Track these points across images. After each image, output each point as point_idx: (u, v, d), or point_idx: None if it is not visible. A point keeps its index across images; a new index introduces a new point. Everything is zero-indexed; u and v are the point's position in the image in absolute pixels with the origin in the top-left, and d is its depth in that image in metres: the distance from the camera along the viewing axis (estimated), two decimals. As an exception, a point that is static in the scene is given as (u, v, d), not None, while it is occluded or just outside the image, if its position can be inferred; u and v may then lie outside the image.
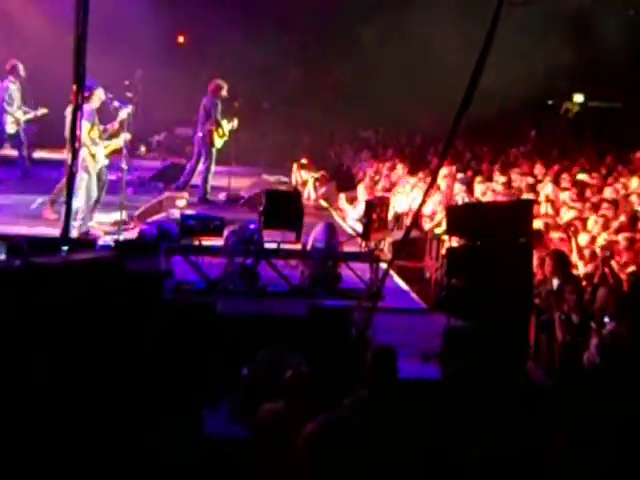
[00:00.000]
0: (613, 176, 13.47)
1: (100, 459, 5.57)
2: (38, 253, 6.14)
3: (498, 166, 14.65)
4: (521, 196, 12.00)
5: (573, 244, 9.48)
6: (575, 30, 15.68)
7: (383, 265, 8.83)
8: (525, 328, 7.46)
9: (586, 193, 12.19)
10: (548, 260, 8.52)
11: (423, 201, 8.66)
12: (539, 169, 13.97)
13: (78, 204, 10.18)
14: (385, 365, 5.39)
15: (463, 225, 7.83)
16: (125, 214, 11.01)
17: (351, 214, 13.12)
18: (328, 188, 14.94)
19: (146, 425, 5.96)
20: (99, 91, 10.92)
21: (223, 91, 13.64)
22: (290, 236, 9.37)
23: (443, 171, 12.02)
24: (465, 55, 6.99)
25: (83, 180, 10.47)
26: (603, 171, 14.00)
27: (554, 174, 13.56)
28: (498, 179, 13.30)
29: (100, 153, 10.96)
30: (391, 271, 8.66)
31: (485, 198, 11.86)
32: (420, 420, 5.35)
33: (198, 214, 9.96)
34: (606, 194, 11.97)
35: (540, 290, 8.37)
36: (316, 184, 15.05)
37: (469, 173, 13.94)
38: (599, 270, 8.63)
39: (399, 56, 17.26)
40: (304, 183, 15.49)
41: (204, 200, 13.45)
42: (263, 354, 6.74)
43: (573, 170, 13.93)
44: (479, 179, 13.13)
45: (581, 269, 9.09)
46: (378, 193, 13.27)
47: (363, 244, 9.53)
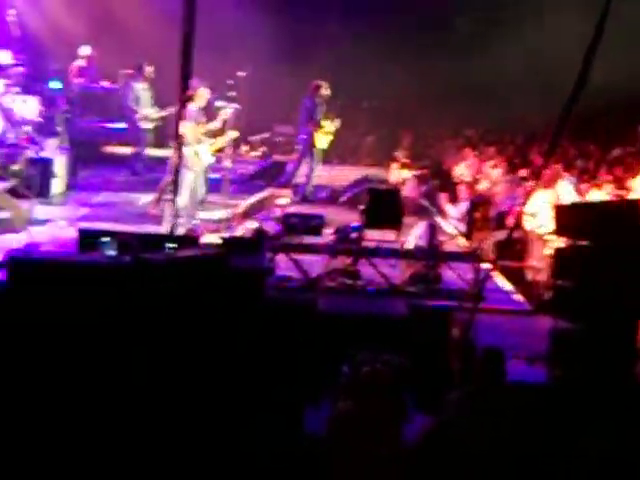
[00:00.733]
0: None
1: (200, 457, 5.65)
2: (146, 250, 6.28)
3: (605, 164, 14.24)
4: (628, 195, 11.64)
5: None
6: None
7: (485, 265, 8.71)
8: (635, 330, 7.23)
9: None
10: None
11: (526, 200, 8.52)
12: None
13: (183, 202, 10.38)
14: (493, 366, 5.31)
15: (571, 225, 7.65)
16: (228, 212, 11.20)
17: (452, 213, 12.97)
18: (429, 186, 14.83)
19: (247, 423, 6.02)
20: (204, 90, 11.10)
21: (323, 90, 13.69)
22: (390, 235, 9.34)
23: (548, 170, 11.76)
24: (573, 52, 6.81)
25: (188, 178, 10.68)
26: None
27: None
28: (605, 178, 12.92)
29: (205, 152, 11.15)
30: (493, 271, 8.54)
31: (592, 197, 11.54)
32: (525, 423, 5.26)
33: (300, 212, 10.03)
34: None
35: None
36: (417, 182, 14.96)
37: (575, 172, 13.59)
38: None
39: (503, 54, 17.00)
40: (404, 182, 15.40)
41: (305, 198, 13.54)
42: (364, 353, 6.73)
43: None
44: (586, 178, 12.79)
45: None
46: (479, 192, 13.09)
47: (465, 244, 9.43)
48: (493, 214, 10.42)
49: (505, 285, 9.58)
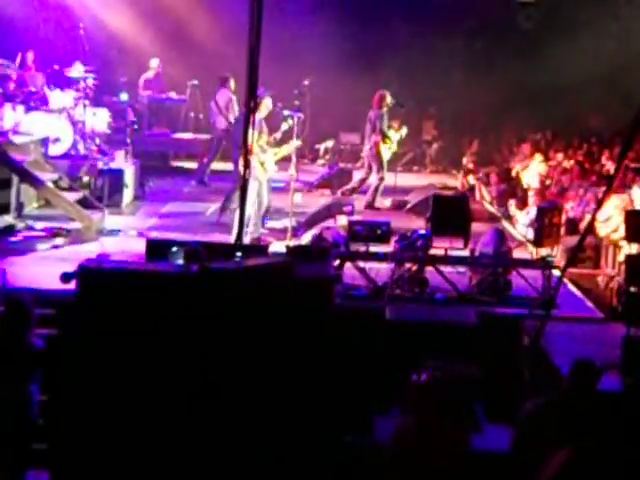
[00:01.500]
0: None
1: (269, 463, 5.64)
2: (213, 259, 6.31)
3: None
4: None
5: None
6: None
7: (556, 272, 8.55)
8: None
9: None
10: None
11: (599, 206, 8.35)
12: None
13: (249, 211, 10.44)
14: (583, 379, 5.21)
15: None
16: (294, 220, 11.23)
17: (521, 220, 12.78)
18: (500, 189, 14.68)
19: (317, 433, 5.99)
20: (267, 100, 11.16)
21: (387, 99, 13.66)
22: (458, 242, 9.24)
23: (620, 175, 11.51)
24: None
25: (253, 188, 10.72)
26: None
27: None
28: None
29: (269, 161, 11.20)
30: (564, 279, 8.37)
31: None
32: (599, 431, 5.13)
33: (365, 220, 9.99)
34: None
35: None
36: (488, 184, 14.85)
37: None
38: None
39: (570, 56, 16.76)
40: (471, 188, 15.27)
41: (370, 207, 13.51)
42: (433, 362, 6.65)
43: None
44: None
45: None
46: (549, 198, 12.87)
47: (534, 251, 9.27)
48: (563, 220, 10.22)
49: (576, 292, 9.39)
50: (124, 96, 16.01)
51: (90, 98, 14.27)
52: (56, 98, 13.58)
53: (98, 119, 14.32)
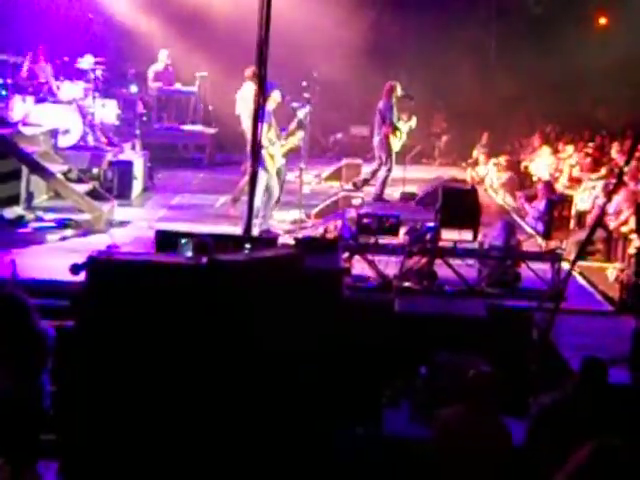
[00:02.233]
0: None
1: (276, 457, 5.65)
2: (222, 250, 6.32)
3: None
4: None
5: None
6: None
7: (565, 265, 8.53)
8: None
9: None
10: None
11: (608, 199, 8.32)
12: None
13: (258, 203, 10.44)
14: (592, 377, 5.21)
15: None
16: (303, 213, 11.23)
17: (530, 212, 12.75)
18: (509, 177, 14.65)
19: (323, 424, 6.01)
20: (275, 93, 11.16)
21: (397, 91, 13.63)
22: (467, 234, 9.22)
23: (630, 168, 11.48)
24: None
25: (263, 179, 10.73)
26: None
27: None
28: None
29: (278, 153, 11.22)
30: (573, 271, 8.35)
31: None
32: (609, 426, 5.12)
33: (374, 212, 9.98)
34: None
35: None
36: (498, 170, 14.84)
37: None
38: None
39: (578, 49, 16.69)
40: (481, 181, 15.24)
41: (379, 199, 13.49)
42: (443, 354, 6.66)
43: None
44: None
45: None
46: (558, 191, 12.84)
47: (544, 243, 9.25)
48: (573, 213, 10.20)
49: (586, 285, 9.36)
50: (133, 88, 16.03)
51: (99, 90, 14.28)
52: (66, 90, 13.60)
53: (107, 111, 14.34)
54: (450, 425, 5.08)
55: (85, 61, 14.17)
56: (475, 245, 9.15)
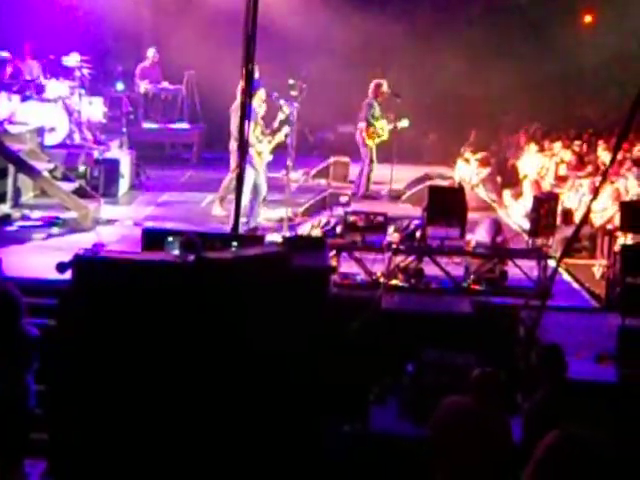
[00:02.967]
0: None
1: (264, 455, 5.65)
2: (209, 249, 6.31)
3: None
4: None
5: None
6: None
7: (551, 262, 8.56)
8: None
9: None
10: None
11: (594, 196, 8.34)
12: None
13: (246, 201, 10.43)
14: (553, 364, 5.23)
15: (637, 221, 7.47)
16: (290, 211, 11.23)
17: (516, 210, 12.79)
18: (489, 172, 14.69)
19: (311, 422, 6.01)
20: (260, 92, 11.16)
21: (383, 88, 13.64)
22: (454, 232, 9.23)
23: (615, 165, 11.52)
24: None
25: (251, 177, 10.73)
26: None
27: None
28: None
29: (265, 150, 11.22)
30: (560, 269, 8.39)
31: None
32: (594, 423, 5.13)
33: (361, 210, 9.99)
34: None
35: None
36: (477, 166, 14.87)
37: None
38: None
39: (564, 46, 16.75)
40: (464, 179, 15.27)
41: (366, 196, 13.50)
42: (430, 352, 6.68)
43: None
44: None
45: None
46: (545, 188, 12.89)
47: (530, 241, 9.28)
48: (559, 210, 10.22)
49: (572, 282, 9.40)
50: (120, 85, 15.99)
51: (86, 87, 14.23)
52: (52, 87, 13.54)
53: (94, 108, 14.29)
54: (453, 413, 5.08)
55: (71, 59, 14.12)
56: (462, 243, 9.16)
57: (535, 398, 5.28)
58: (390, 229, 9.33)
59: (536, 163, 14.99)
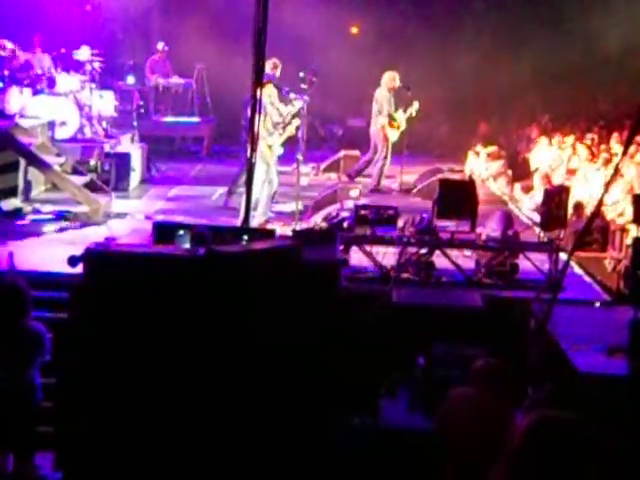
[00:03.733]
0: None
1: (272, 447, 5.65)
2: (220, 242, 6.32)
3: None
4: None
5: None
6: None
7: (563, 255, 8.53)
8: None
9: None
10: None
11: (606, 189, 8.30)
12: None
13: (257, 194, 10.43)
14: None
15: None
16: (301, 204, 11.23)
17: (527, 204, 12.76)
18: (499, 166, 14.64)
19: (320, 415, 6.02)
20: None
21: (395, 82, 13.61)
22: (465, 225, 9.22)
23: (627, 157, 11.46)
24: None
25: (262, 171, 10.73)
26: None
27: None
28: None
29: (276, 143, 11.22)
30: (571, 262, 8.35)
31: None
32: (604, 416, 5.12)
33: (372, 204, 9.97)
34: None
35: None
36: (487, 160, 14.83)
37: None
38: None
39: (576, 38, 16.66)
40: (473, 172, 15.23)
41: (376, 190, 13.49)
42: (440, 345, 6.67)
43: None
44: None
45: None
46: (556, 181, 12.85)
47: (541, 234, 9.25)
48: (570, 203, 10.18)
49: (583, 276, 9.37)
50: (131, 79, 16.00)
51: (97, 81, 14.25)
52: (63, 81, 13.57)
53: (105, 102, 14.31)
54: (459, 404, 5.07)
55: (82, 52, 14.13)
56: (473, 236, 9.14)
57: (537, 396, 5.25)
58: (401, 222, 9.31)
59: (547, 156, 14.94)
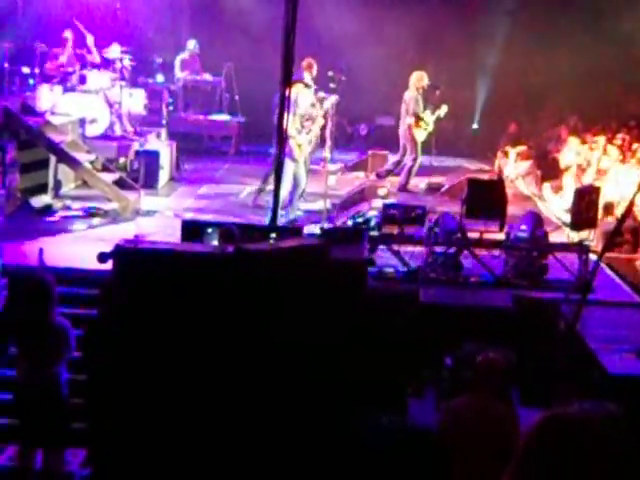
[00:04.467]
0: None
1: (300, 447, 5.66)
2: (248, 240, 6.34)
3: None
4: None
5: None
6: None
7: (592, 256, 8.46)
8: None
9: None
10: None
11: (638, 190, 8.22)
12: None
13: (285, 193, 10.45)
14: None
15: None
16: (329, 203, 11.22)
17: (557, 204, 12.66)
18: (528, 166, 14.55)
19: (351, 415, 6.01)
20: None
21: (424, 81, 13.57)
22: (493, 225, 9.18)
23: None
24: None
25: (291, 169, 10.74)
26: None
27: None
28: None
29: (305, 142, 11.23)
30: (601, 263, 8.28)
31: None
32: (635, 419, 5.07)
33: (400, 203, 9.95)
34: None
35: None
36: (516, 160, 14.75)
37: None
38: None
39: (607, 38, 16.50)
40: (503, 171, 15.14)
41: (404, 189, 13.45)
42: (468, 345, 6.63)
43: None
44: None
45: None
46: (586, 181, 12.74)
47: (571, 234, 9.18)
48: (601, 204, 10.10)
49: (613, 277, 9.28)
50: (160, 77, 16.07)
51: (126, 79, 14.33)
52: (93, 79, 13.66)
53: (134, 100, 14.39)
54: (458, 414, 5.08)
55: (112, 50, 14.23)
56: (501, 236, 9.09)
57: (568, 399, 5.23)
58: (429, 221, 9.28)
59: (577, 156, 14.82)
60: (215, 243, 6.61)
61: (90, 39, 14.02)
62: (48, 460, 6.26)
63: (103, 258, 5.72)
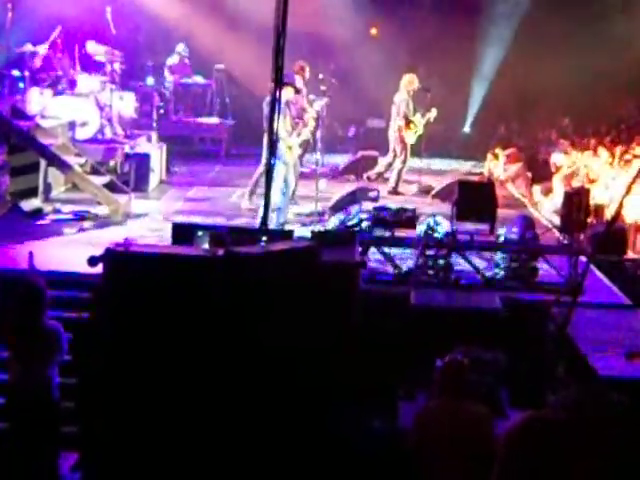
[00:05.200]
0: None
1: (291, 449, 5.65)
2: (238, 243, 6.33)
3: None
4: None
5: None
6: None
7: (583, 259, 8.49)
8: None
9: None
10: None
11: (627, 192, 8.26)
12: None
13: (275, 195, 10.44)
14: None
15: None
16: (319, 206, 11.22)
17: (546, 206, 12.71)
18: (518, 168, 14.59)
19: (340, 417, 6.01)
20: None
21: (414, 84, 13.60)
22: (484, 227, 9.20)
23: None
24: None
25: (281, 172, 10.73)
26: None
27: None
28: None
29: (295, 144, 11.23)
30: (591, 265, 8.31)
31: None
32: (624, 421, 5.08)
33: (391, 206, 9.96)
34: None
35: None
36: (505, 162, 14.80)
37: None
38: None
39: (593, 41, 16.57)
40: (492, 173, 15.18)
41: (395, 192, 13.48)
42: (459, 348, 6.64)
43: None
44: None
45: None
46: (576, 184, 12.78)
47: (561, 237, 9.21)
48: (591, 206, 10.13)
49: (603, 279, 9.31)
50: (150, 80, 16.05)
51: (117, 82, 14.30)
52: (83, 82, 13.63)
53: (125, 103, 14.37)
54: (428, 420, 5.10)
55: (90, 47, 14.18)
56: (492, 238, 9.11)
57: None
58: (419, 225, 9.29)
59: (567, 159, 14.88)
60: (206, 246, 6.59)
61: (67, 62, 14.00)
62: (38, 462, 6.25)
63: (93, 261, 5.71)
